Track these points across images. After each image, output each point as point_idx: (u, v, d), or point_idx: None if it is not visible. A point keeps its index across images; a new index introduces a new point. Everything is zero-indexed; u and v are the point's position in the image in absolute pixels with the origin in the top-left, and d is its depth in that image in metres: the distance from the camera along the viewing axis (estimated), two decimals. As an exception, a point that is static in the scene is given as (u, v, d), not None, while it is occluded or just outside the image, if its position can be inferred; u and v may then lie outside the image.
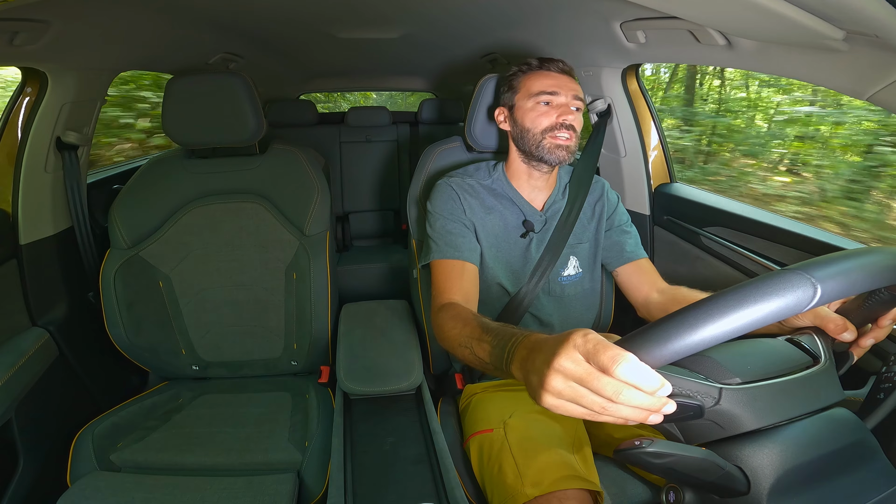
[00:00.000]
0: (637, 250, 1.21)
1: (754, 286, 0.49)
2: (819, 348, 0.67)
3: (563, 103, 1.10)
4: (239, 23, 1.45)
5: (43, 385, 1.21)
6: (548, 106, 1.10)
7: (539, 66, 1.14)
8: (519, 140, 1.14)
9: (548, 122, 1.09)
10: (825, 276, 0.50)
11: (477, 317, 0.88)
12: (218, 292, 1.38)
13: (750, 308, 0.48)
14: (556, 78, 1.11)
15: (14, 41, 0.96)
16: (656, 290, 1.15)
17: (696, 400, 0.56)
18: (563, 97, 1.10)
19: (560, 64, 1.13)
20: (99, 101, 1.38)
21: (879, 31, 0.67)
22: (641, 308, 1.17)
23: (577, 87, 1.12)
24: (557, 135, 1.09)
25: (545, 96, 1.10)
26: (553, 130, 1.09)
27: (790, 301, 0.48)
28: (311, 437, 1.15)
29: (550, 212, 1.18)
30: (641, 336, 0.51)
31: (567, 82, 1.11)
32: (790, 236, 1.10)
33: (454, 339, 0.88)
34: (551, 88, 1.10)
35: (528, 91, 1.12)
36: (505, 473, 0.89)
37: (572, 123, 1.09)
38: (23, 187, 1.23)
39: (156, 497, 1.00)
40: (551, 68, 1.13)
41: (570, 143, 1.10)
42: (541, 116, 1.10)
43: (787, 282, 0.49)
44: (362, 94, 7.74)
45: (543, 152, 1.10)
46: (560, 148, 1.09)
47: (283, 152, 1.43)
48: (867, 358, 0.88)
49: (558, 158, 1.09)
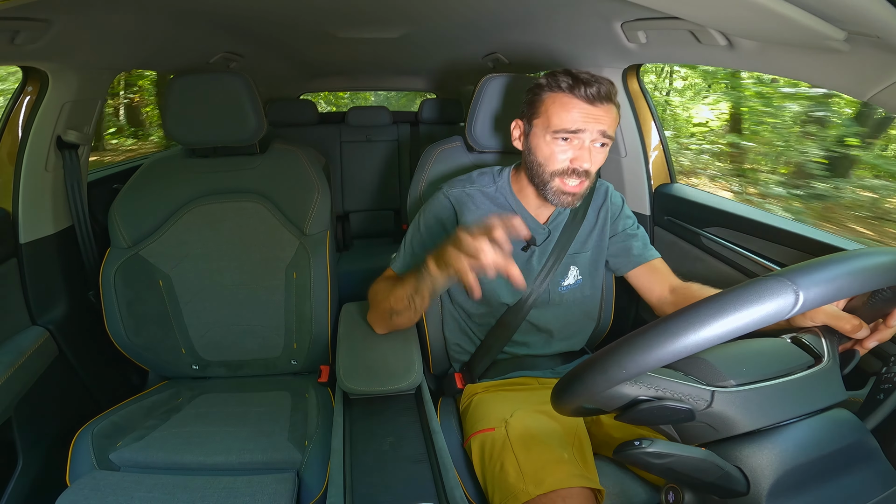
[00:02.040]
0: (645, 252, 1.18)
1: (734, 294, 0.49)
2: (823, 347, 0.67)
3: (584, 145, 0.98)
4: (240, 22, 1.45)
5: (42, 384, 1.21)
6: (566, 142, 0.98)
7: (569, 89, 0.96)
8: (530, 168, 1.05)
9: (561, 165, 0.99)
10: (807, 282, 0.49)
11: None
12: (218, 291, 1.38)
13: (729, 317, 0.48)
14: (584, 110, 0.95)
15: (15, 40, 0.96)
16: (669, 288, 1.14)
17: (686, 403, 0.56)
18: (588, 135, 0.96)
19: (594, 89, 0.95)
20: (100, 101, 1.39)
21: (881, 32, 0.66)
22: (657, 308, 1.17)
23: (609, 120, 0.98)
24: (567, 181, 1.00)
25: (566, 133, 0.97)
26: (564, 176, 1.00)
27: (770, 309, 0.48)
28: (310, 436, 1.14)
29: (554, 224, 1.15)
30: (626, 344, 0.52)
31: (598, 115, 0.96)
32: (790, 237, 1.10)
33: (382, 291, 1.10)
34: (575, 126, 0.96)
35: (548, 121, 0.98)
36: (507, 472, 0.89)
37: (588, 170, 0.99)
38: (23, 186, 1.23)
39: (155, 496, 1.00)
40: (581, 95, 0.95)
41: (578, 190, 1.01)
42: (555, 155, 0.99)
43: (767, 289, 0.49)
44: (360, 94, 7.77)
45: (548, 194, 1.03)
46: (566, 195, 1.01)
47: (283, 152, 1.43)
48: (867, 358, 0.88)
49: (562, 204, 1.03)
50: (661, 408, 0.56)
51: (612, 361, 0.52)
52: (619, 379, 0.52)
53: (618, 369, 0.51)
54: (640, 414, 0.56)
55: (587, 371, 0.54)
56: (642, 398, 0.56)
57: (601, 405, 0.60)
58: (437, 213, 1.14)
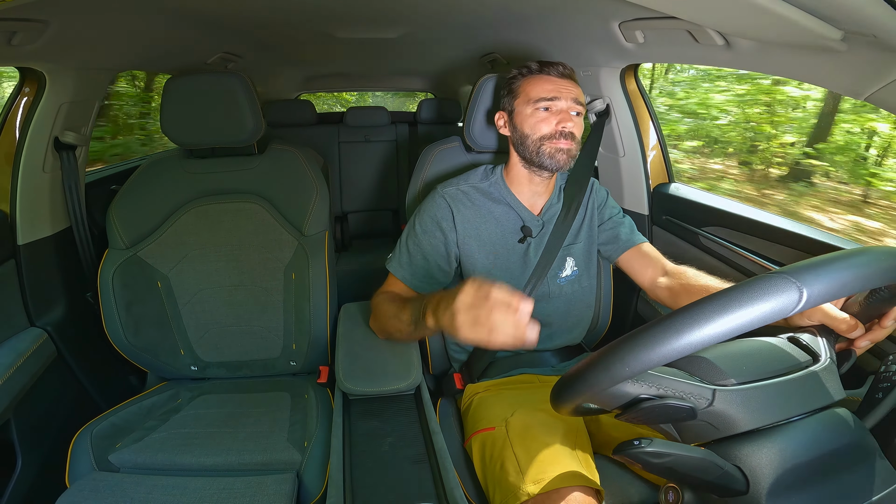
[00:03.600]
0: (632, 236, 1.22)
1: (739, 291, 0.50)
2: (821, 347, 0.67)
3: (562, 109, 1.08)
4: (237, 23, 1.45)
5: (41, 385, 1.21)
6: (547, 112, 1.09)
7: (539, 69, 1.11)
8: (519, 146, 1.13)
9: (547, 129, 1.08)
10: (811, 279, 0.50)
11: (404, 295, 1.12)
12: (216, 292, 1.38)
13: (733, 314, 0.48)
14: (555, 83, 1.09)
15: (12, 41, 0.96)
16: (662, 272, 1.16)
17: (688, 402, 0.56)
18: (563, 102, 1.08)
19: (560, 67, 1.11)
20: (97, 101, 1.38)
21: (877, 32, 0.67)
22: (650, 291, 1.19)
23: (578, 91, 1.11)
24: (557, 142, 1.08)
25: (544, 102, 1.08)
26: (552, 139, 1.08)
27: (774, 306, 0.48)
28: (310, 437, 1.14)
29: (548, 215, 1.19)
30: (629, 342, 0.52)
31: (568, 86, 1.09)
32: (788, 236, 1.10)
33: (386, 313, 1.09)
34: (551, 94, 1.08)
35: (528, 96, 1.10)
36: (507, 471, 0.90)
37: (572, 131, 1.08)
38: (21, 187, 1.22)
39: (154, 497, 0.99)
40: (551, 72, 1.11)
41: (570, 146, 1.09)
42: (540, 123, 1.09)
43: (771, 286, 0.49)
44: (358, 94, 7.78)
45: (543, 158, 1.09)
46: (560, 152, 1.08)
47: (281, 152, 1.43)
48: (865, 357, 0.89)
49: (558, 163, 1.09)
50: (663, 406, 0.56)
51: (615, 359, 0.52)
52: (623, 376, 0.52)
53: (621, 367, 0.51)
54: (642, 412, 0.56)
55: (589, 368, 0.54)
56: (644, 397, 0.57)
57: (603, 404, 0.60)
58: (432, 213, 1.15)
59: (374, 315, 1.17)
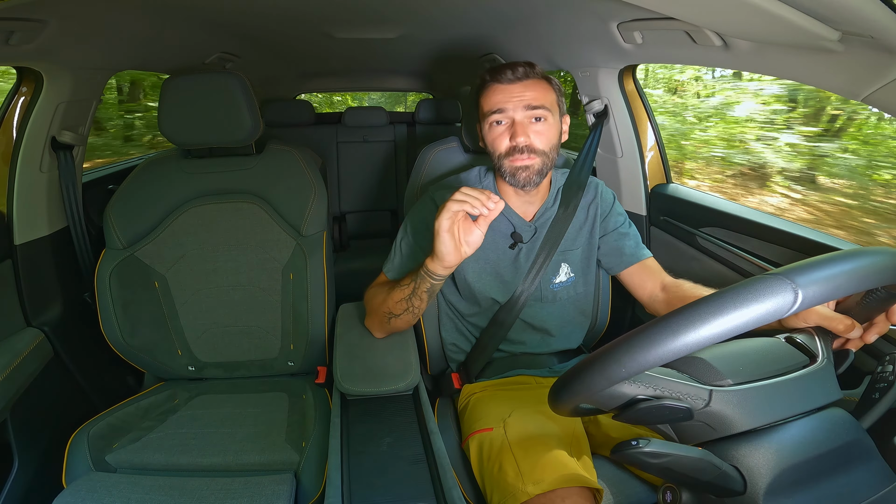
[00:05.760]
0: (637, 251, 1.18)
1: (734, 292, 0.49)
2: (817, 347, 0.67)
3: (515, 120, 1.02)
4: (235, 22, 1.44)
5: (38, 386, 1.20)
6: (502, 126, 1.03)
7: (490, 79, 1.04)
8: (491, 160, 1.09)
9: (503, 146, 1.03)
10: (806, 280, 0.50)
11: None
12: (214, 293, 1.37)
13: (729, 315, 0.48)
14: (505, 91, 1.02)
15: (10, 40, 0.96)
16: (660, 286, 1.14)
17: (685, 402, 0.56)
18: (515, 112, 1.01)
19: (509, 73, 1.01)
20: (94, 101, 1.38)
21: (875, 32, 0.67)
22: (647, 306, 1.17)
23: (534, 94, 1.01)
24: (515, 157, 1.02)
25: (495, 115, 1.02)
26: (510, 155, 1.03)
27: (770, 307, 0.48)
28: (308, 437, 1.14)
29: (541, 221, 1.16)
30: (626, 343, 0.52)
31: (519, 92, 1.01)
32: (785, 236, 1.10)
33: (378, 295, 1.11)
34: (498, 105, 1.01)
35: (482, 111, 1.06)
36: (505, 472, 0.90)
37: (529, 144, 1.01)
38: (18, 187, 1.22)
39: (152, 498, 0.99)
40: (501, 79, 1.02)
41: (529, 163, 1.02)
42: (497, 139, 1.04)
43: (766, 287, 0.49)
44: (352, 94, 7.77)
45: (507, 176, 1.05)
46: (521, 170, 1.03)
47: (279, 152, 1.43)
48: (862, 357, 0.89)
49: (522, 181, 1.04)
50: (660, 407, 0.56)
51: (612, 360, 0.52)
52: (619, 377, 0.52)
53: (618, 367, 0.51)
54: (639, 413, 0.56)
55: (586, 369, 0.54)
56: (641, 397, 0.57)
57: (600, 404, 0.60)
58: (423, 216, 1.14)
59: (369, 306, 1.15)
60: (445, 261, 0.91)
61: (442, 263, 0.92)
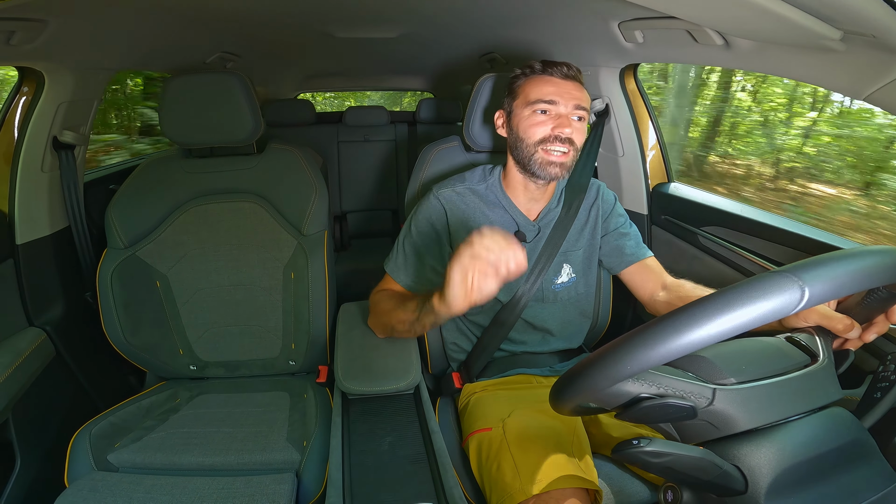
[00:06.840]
0: (638, 251, 1.18)
1: (740, 289, 0.49)
2: (818, 347, 0.67)
3: (561, 113, 1.03)
4: (237, 22, 1.44)
5: (40, 385, 1.21)
6: (545, 115, 1.03)
7: (542, 70, 1.05)
8: (514, 149, 1.09)
9: (542, 134, 1.03)
10: (813, 278, 0.49)
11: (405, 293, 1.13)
12: (215, 292, 1.38)
13: (736, 312, 0.48)
14: (557, 84, 1.03)
15: (11, 40, 0.96)
16: (661, 286, 1.14)
17: (688, 401, 0.56)
18: (563, 107, 1.03)
19: (564, 69, 1.04)
20: (96, 101, 1.38)
21: (877, 32, 0.67)
22: (648, 305, 1.17)
23: (582, 96, 1.05)
24: (551, 149, 1.03)
25: (543, 104, 1.03)
26: (546, 143, 1.03)
27: (776, 304, 0.48)
28: (309, 436, 1.14)
29: (544, 221, 1.16)
30: (631, 340, 0.52)
31: (570, 89, 1.03)
32: (787, 236, 1.10)
33: (387, 307, 1.11)
34: (550, 97, 1.02)
35: (526, 98, 1.05)
36: (504, 472, 0.90)
37: (570, 137, 1.02)
38: (19, 187, 1.22)
39: (153, 497, 0.99)
40: (554, 73, 1.04)
41: (564, 159, 1.04)
42: (536, 126, 1.03)
43: (773, 285, 0.49)
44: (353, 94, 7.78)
45: (535, 167, 1.05)
46: (552, 165, 1.03)
47: (280, 152, 1.43)
48: (864, 357, 0.89)
49: (550, 175, 1.05)
50: (663, 405, 0.56)
51: (615, 357, 0.52)
52: (623, 375, 0.52)
53: (622, 366, 0.51)
54: (642, 412, 0.56)
55: (590, 367, 0.54)
56: (644, 396, 0.56)
57: (603, 403, 0.60)
58: (427, 215, 1.14)
59: (374, 311, 1.16)
60: (453, 307, 0.85)
61: (449, 309, 0.86)
